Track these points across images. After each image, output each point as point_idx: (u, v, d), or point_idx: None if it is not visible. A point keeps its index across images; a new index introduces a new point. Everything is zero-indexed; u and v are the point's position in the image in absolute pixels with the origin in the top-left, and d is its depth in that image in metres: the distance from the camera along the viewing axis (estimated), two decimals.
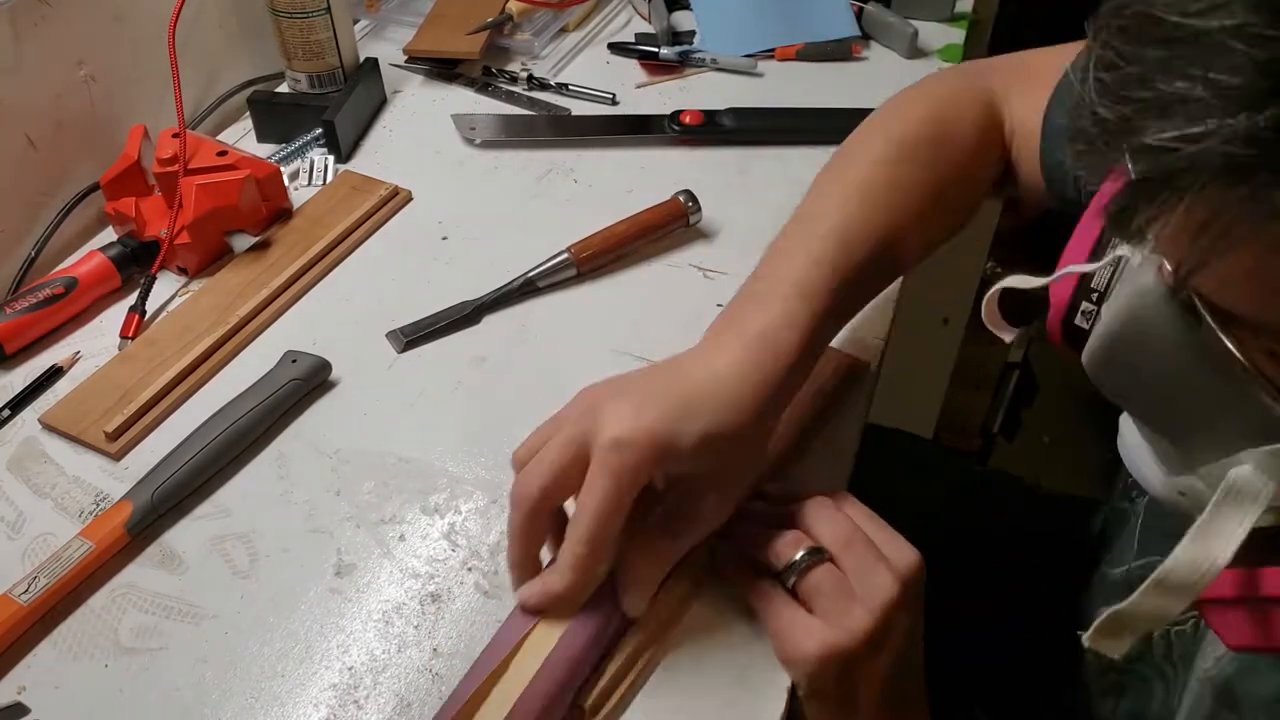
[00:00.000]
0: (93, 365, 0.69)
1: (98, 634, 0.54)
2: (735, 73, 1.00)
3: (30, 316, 0.70)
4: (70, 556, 0.54)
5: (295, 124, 0.89)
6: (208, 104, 0.92)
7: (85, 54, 0.79)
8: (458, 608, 0.54)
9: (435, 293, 0.74)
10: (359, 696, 0.51)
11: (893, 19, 1.02)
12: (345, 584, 0.56)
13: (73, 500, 0.60)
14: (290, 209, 0.81)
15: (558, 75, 1.00)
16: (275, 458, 0.63)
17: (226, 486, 0.61)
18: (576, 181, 0.86)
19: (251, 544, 0.58)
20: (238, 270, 0.76)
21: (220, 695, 0.51)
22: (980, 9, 1.16)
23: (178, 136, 0.75)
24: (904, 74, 0.99)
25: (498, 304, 0.73)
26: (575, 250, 0.74)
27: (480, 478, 0.61)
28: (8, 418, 0.66)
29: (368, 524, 0.59)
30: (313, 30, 0.88)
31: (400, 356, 0.70)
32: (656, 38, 1.03)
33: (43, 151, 0.78)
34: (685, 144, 0.89)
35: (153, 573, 0.57)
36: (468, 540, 0.58)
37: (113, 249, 0.74)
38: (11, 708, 0.50)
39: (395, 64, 1.01)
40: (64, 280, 0.72)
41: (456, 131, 0.91)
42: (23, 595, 0.53)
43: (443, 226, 0.81)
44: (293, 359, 0.66)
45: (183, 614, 0.54)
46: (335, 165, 0.87)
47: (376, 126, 0.93)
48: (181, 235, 0.74)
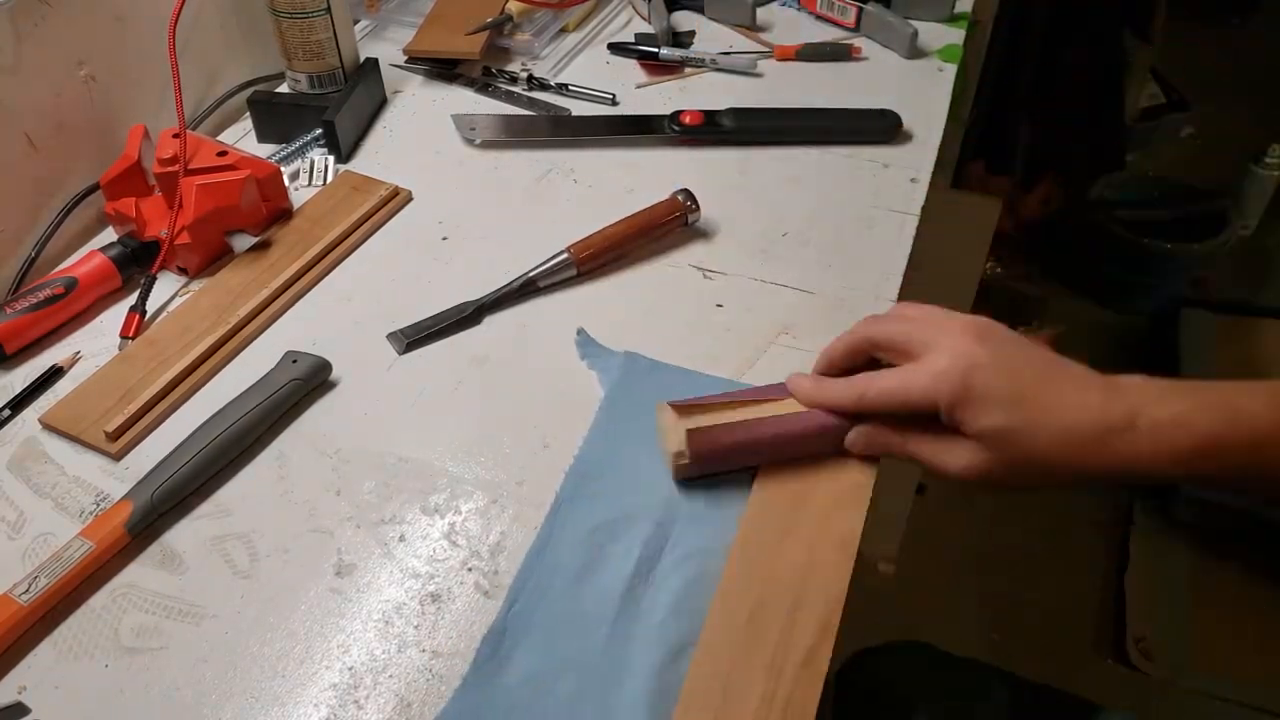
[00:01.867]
0: (93, 365, 0.69)
1: (98, 634, 0.54)
2: (735, 73, 1.00)
3: (30, 316, 0.70)
4: (70, 556, 0.54)
5: (295, 124, 0.90)
6: (208, 104, 0.92)
7: (85, 54, 0.80)
8: (458, 608, 0.54)
9: (435, 293, 0.74)
10: (359, 696, 0.51)
11: (892, 19, 1.02)
12: (345, 584, 0.56)
13: (73, 500, 0.60)
14: (290, 209, 0.81)
15: (558, 75, 1.00)
16: (275, 458, 0.63)
17: (226, 486, 0.61)
18: (576, 181, 0.86)
19: (251, 544, 0.58)
20: (238, 270, 0.76)
21: (220, 695, 0.51)
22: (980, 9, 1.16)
23: (178, 136, 0.75)
24: (904, 74, 0.99)
25: (498, 304, 0.73)
26: (575, 250, 0.74)
27: (480, 478, 0.61)
28: (8, 418, 0.66)
29: (368, 524, 0.59)
30: (313, 30, 0.88)
31: (400, 356, 0.70)
32: (656, 38, 1.03)
33: (43, 151, 0.78)
34: (685, 144, 0.89)
35: (153, 573, 0.57)
36: (468, 540, 0.58)
37: (113, 249, 0.75)
38: (11, 708, 0.50)
39: (395, 64, 1.01)
40: (64, 280, 0.72)
41: (456, 131, 0.91)
42: (23, 595, 0.53)
43: (443, 226, 0.81)
44: (293, 359, 0.66)
45: (183, 614, 0.54)
46: (335, 165, 0.87)
47: (376, 126, 0.93)
48: (182, 235, 0.74)
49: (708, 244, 0.78)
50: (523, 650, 0.52)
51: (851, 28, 1.06)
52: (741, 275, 0.75)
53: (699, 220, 0.79)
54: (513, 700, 0.50)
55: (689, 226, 0.79)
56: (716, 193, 0.81)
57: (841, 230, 0.79)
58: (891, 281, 0.74)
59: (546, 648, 0.52)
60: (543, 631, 0.53)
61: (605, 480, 0.60)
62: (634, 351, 0.68)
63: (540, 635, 0.53)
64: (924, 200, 0.82)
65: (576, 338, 0.70)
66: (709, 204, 0.79)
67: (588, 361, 0.68)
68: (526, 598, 0.54)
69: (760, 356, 0.68)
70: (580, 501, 0.59)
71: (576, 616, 0.53)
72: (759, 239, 0.79)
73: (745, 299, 0.73)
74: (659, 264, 0.77)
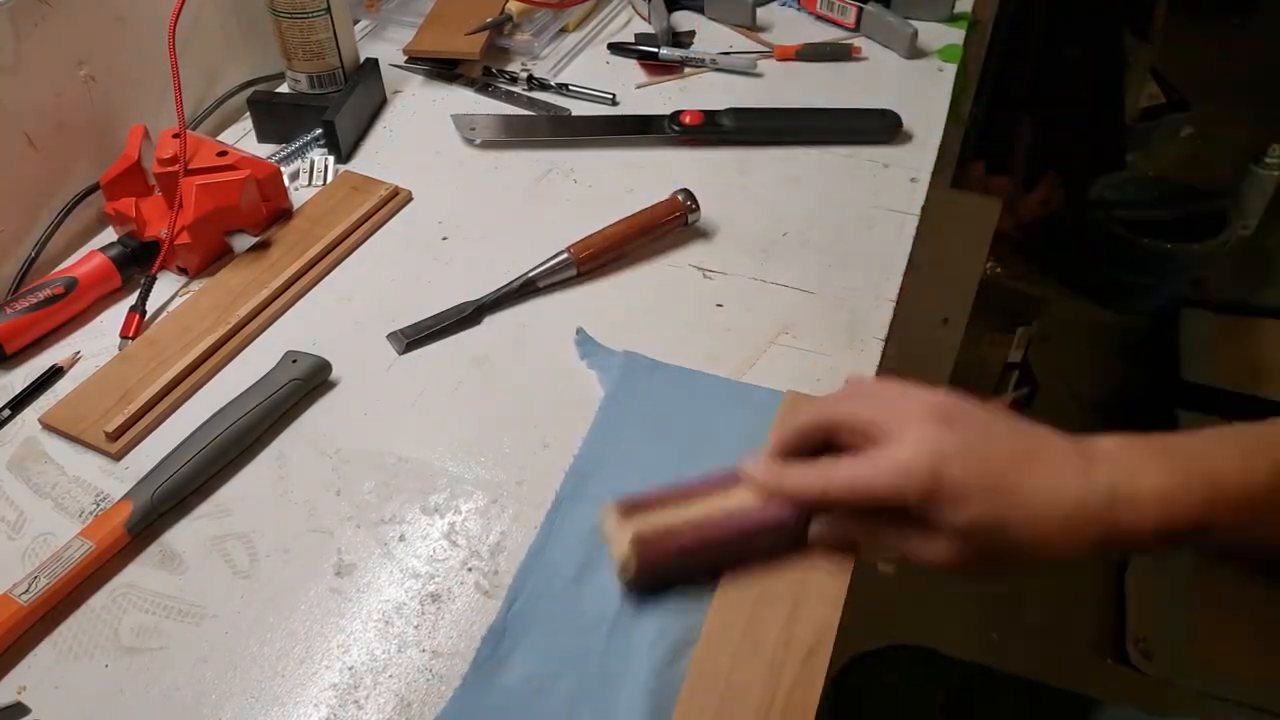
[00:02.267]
0: (93, 365, 0.69)
1: (98, 634, 0.54)
2: (735, 73, 1.00)
3: (30, 316, 0.70)
4: (70, 556, 0.54)
5: (295, 124, 0.90)
6: (208, 104, 0.92)
7: (85, 54, 0.80)
8: (458, 608, 0.54)
9: (435, 293, 0.74)
10: (359, 696, 0.51)
11: (892, 19, 1.02)
12: (345, 584, 0.56)
13: (73, 500, 0.60)
14: (290, 209, 0.81)
15: (558, 75, 1.00)
16: (275, 458, 0.63)
17: (226, 486, 0.61)
18: (576, 181, 0.86)
19: (251, 544, 0.58)
20: (238, 270, 0.76)
21: (220, 695, 0.51)
22: (980, 9, 1.16)
23: (178, 136, 0.75)
24: (903, 74, 0.99)
25: (498, 304, 0.73)
26: (575, 250, 0.74)
27: (480, 478, 0.61)
28: (8, 418, 0.66)
29: (368, 524, 0.59)
30: (313, 30, 0.88)
31: (400, 356, 0.70)
32: (656, 38, 1.03)
33: (43, 151, 0.78)
34: (685, 144, 0.89)
35: (153, 572, 0.57)
36: (468, 540, 0.58)
37: (113, 249, 0.75)
38: (11, 708, 0.50)
39: (395, 64, 1.01)
40: (64, 280, 0.72)
41: (456, 131, 0.91)
42: (23, 595, 0.53)
43: (443, 226, 0.81)
44: (293, 359, 0.66)
45: (183, 614, 0.54)
46: (335, 165, 0.87)
47: (376, 126, 0.93)
48: (181, 235, 0.74)
49: (708, 244, 0.78)
50: (522, 650, 0.52)
51: (851, 28, 1.06)
52: (741, 275, 0.75)
53: (699, 220, 0.79)
54: (512, 700, 0.50)
55: (689, 226, 0.79)
56: (716, 193, 0.81)
57: (841, 230, 0.79)
58: (891, 281, 0.74)
59: (546, 647, 0.52)
60: (543, 631, 0.53)
61: (605, 480, 0.60)
62: (634, 351, 0.68)
63: (540, 635, 0.53)
64: (924, 200, 0.82)
65: (576, 337, 0.70)
66: (709, 204, 0.79)
67: (587, 361, 0.68)
68: (526, 597, 0.54)
69: (760, 356, 0.68)
70: (580, 501, 0.59)
71: (576, 616, 0.53)
72: (759, 239, 0.79)
73: (745, 299, 0.73)
74: (659, 264, 0.77)
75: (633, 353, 0.68)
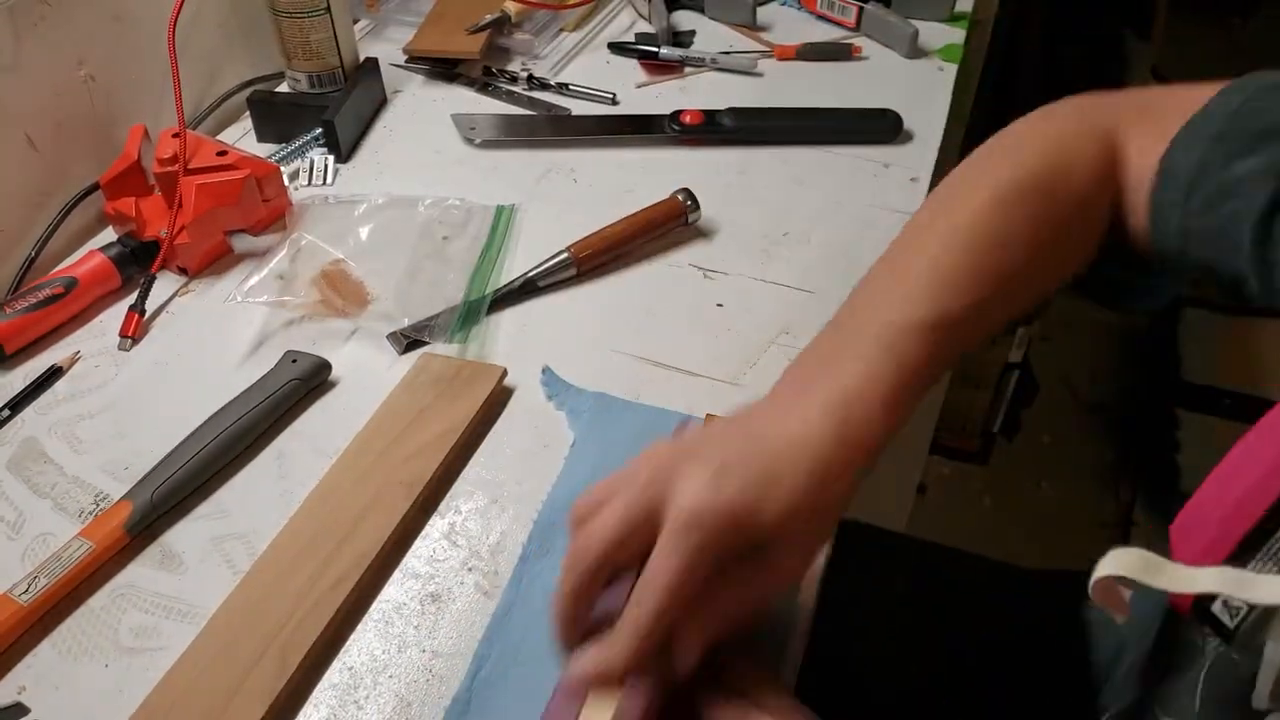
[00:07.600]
0: (93, 365, 0.69)
1: (98, 634, 0.54)
2: (735, 72, 1.00)
3: (30, 316, 0.70)
4: (70, 556, 0.54)
5: (295, 124, 0.90)
6: (208, 104, 0.92)
7: (85, 54, 0.79)
8: (458, 608, 0.54)
9: (435, 292, 0.74)
10: (359, 696, 0.51)
11: (893, 19, 1.02)
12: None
13: (72, 500, 0.60)
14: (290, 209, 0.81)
15: (558, 75, 1.00)
16: (275, 458, 0.63)
17: (226, 486, 0.61)
18: (576, 181, 0.86)
19: (251, 544, 0.58)
20: None
21: None
22: (980, 9, 1.16)
23: (178, 136, 0.75)
24: (904, 74, 0.99)
25: (498, 304, 0.73)
26: (575, 250, 0.74)
27: (480, 478, 0.61)
28: (7, 418, 0.65)
29: None
30: (313, 30, 0.88)
31: (400, 356, 0.69)
32: (656, 37, 1.03)
33: (43, 151, 0.78)
34: (685, 144, 0.89)
35: (153, 573, 0.57)
36: (468, 540, 0.58)
37: (113, 249, 0.74)
38: (11, 708, 0.50)
39: (395, 64, 1.01)
40: (64, 280, 0.72)
41: (456, 131, 0.91)
42: (23, 595, 0.53)
43: (443, 226, 0.81)
44: (293, 359, 0.66)
45: (183, 614, 0.54)
46: (335, 165, 0.87)
47: (376, 126, 0.93)
48: (181, 235, 0.74)
49: (708, 244, 0.78)
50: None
51: (852, 27, 1.05)
52: (741, 275, 0.75)
53: (699, 220, 0.78)
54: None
55: (689, 226, 0.79)
56: (716, 193, 0.81)
57: (841, 230, 0.79)
58: None
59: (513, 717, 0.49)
60: (511, 697, 0.50)
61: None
62: (604, 392, 0.65)
63: (507, 703, 0.50)
64: (924, 200, 0.82)
65: (542, 377, 0.67)
66: (709, 204, 0.79)
67: (555, 402, 0.65)
68: (492, 664, 0.51)
69: (760, 356, 0.68)
70: (548, 556, 0.56)
71: (546, 682, 0.49)
72: (759, 239, 0.79)
73: (745, 299, 0.73)
74: (659, 264, 0.77)
75: (603, 394, 0.65)
